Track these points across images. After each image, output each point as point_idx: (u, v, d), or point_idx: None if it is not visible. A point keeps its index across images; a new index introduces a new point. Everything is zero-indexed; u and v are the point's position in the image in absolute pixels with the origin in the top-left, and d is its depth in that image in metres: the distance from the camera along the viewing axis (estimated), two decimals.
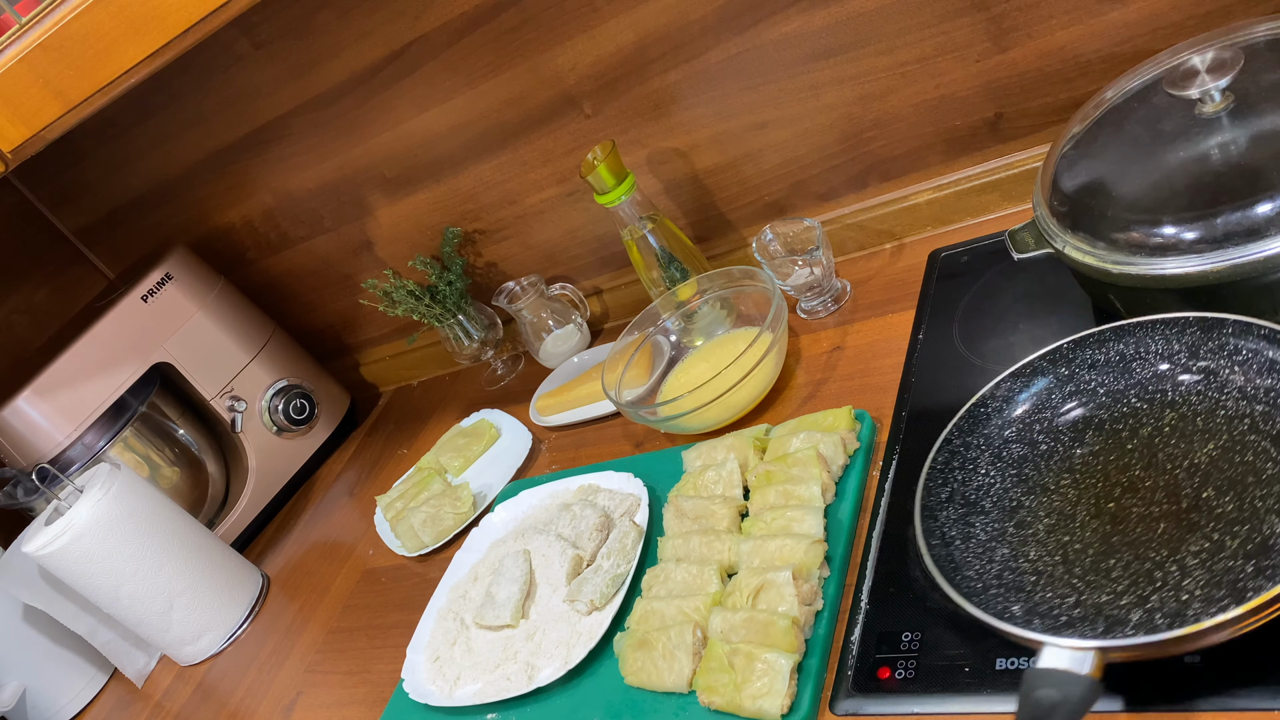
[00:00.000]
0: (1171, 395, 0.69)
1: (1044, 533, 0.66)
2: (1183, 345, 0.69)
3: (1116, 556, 0.62)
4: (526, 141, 1.20)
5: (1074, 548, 0.64)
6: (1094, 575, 0.62)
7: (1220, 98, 0.70)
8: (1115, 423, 0.70)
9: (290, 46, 1.21)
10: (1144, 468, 0.66)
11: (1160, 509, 0.63)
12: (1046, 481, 0.69)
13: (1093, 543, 0.64)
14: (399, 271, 1.36)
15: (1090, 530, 0.65)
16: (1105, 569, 0.62)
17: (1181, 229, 0.68)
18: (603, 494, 0.99)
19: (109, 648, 1.26)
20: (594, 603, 0.87)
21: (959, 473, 0.71)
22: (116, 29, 0.84)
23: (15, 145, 0.95)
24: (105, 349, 1.30)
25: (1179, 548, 0.60)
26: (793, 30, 0.99)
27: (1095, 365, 0.73)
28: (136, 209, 1.54)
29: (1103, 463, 0.68)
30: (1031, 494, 0.69)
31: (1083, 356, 0.73)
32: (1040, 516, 0.67)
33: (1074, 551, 0.64)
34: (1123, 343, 0.71)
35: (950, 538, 0.67)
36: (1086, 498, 0.67)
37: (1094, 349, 0.72)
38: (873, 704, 0.67)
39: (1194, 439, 0.66)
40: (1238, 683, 0.55)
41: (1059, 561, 0.64)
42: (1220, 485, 0.62)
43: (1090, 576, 0.62)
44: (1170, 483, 0.65)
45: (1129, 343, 0.71)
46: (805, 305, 1.08)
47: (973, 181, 1.03)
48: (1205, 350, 0.68)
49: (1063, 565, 0.63)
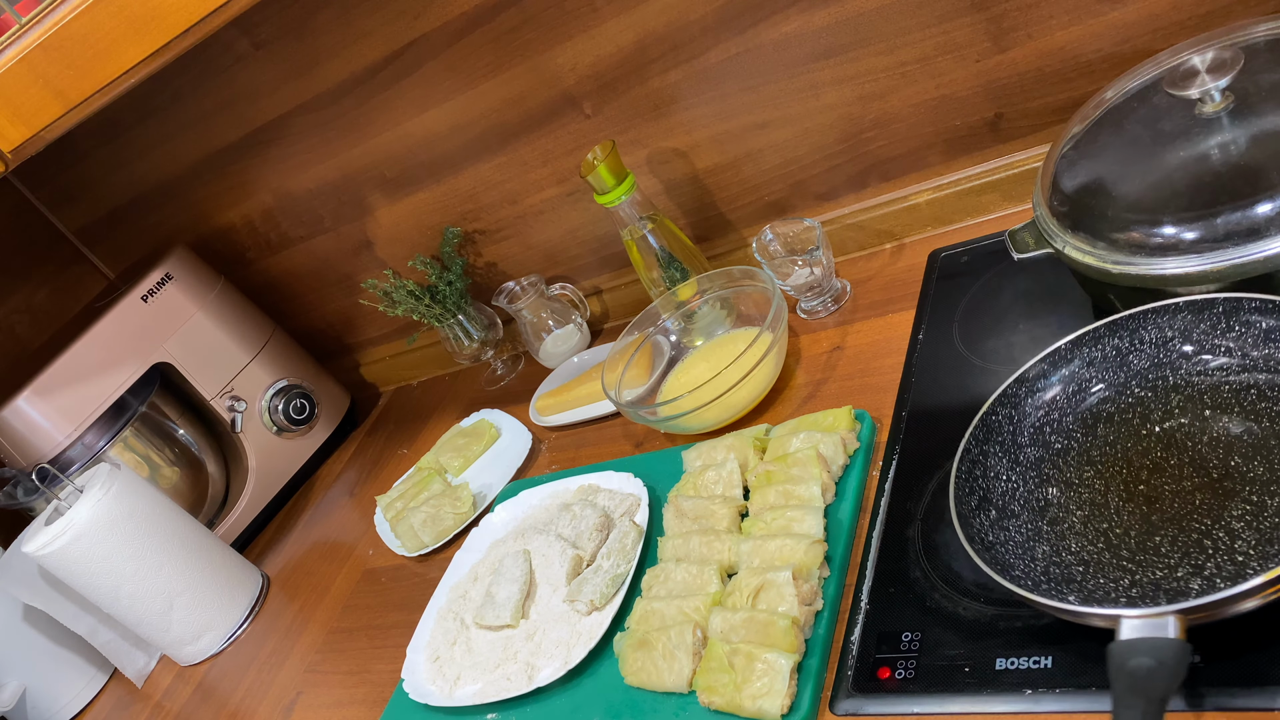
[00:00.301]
0: (1174, 379, 0.70)
1: (1080, 524, 0.66)
2: (1175, 330, 0.70)
3: (1161, 533, 0.62)
4: (526, 141, 1.20)
5: (1115, 533, 0.64)
6: (1143, 554, 0.62)
7: (1220, 98, 0.70)
8: (1125, 413, 0.71)
9: (290, 46, 1.21)
10: (1164, 449, 0.67)
11: (1192, 483, 0.64)
12: (1070, 477, 0.69)
13: (1133, 525, 0.64)
14: (399, 271, 1.36)
15: (1127, 514, 0.65)
16: (1152, 547, 0.62)
17: (1181, 229, 0.68)
18: (603, 494, 0.99)
19: (109, 648, 1.26)
20: (594, 603, 0.87)
21: (982, 480, 0.71)
22: (116, 29, 0.84)
23: (15, 145, 0.95)
24: (105, 349, 1.30)
25: (1221, 515, 0.61)
26: (793, 30, 1.00)
27: (1094, 362, 0.73)
28: (136, 209, 1.54)
29: (1122, 451, 0.69)
30: (1058, 490, 0.69)
31: (1080, 355, 0.73)
32: (1072, 510, 0.67)
33: (1116, 536, 0.64)
34: (1117, 337, 0.72)
35: (990, 542, 0.67)
36: (1115, 485, 0.67)
37: (1090, 347, 0.73)
38: (873, 704, 0.67)
39: (1206, 415, 0.67)
40: (1238, 683, 0.55)
41: (1103, 548, 0.64)
42: (1245, 452, 0.63)
43: (1140, 556, 0.62)
44: (1195, 458, 0.65)
45: (1123, 336, 0.72)
46: (805, 305, 1.08)
47: (973, 181, 1.03)
48: (1198, 333, 0.69)
49: (1108, 551, 0.63)
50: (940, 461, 0.79)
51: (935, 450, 0.81)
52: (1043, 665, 0.62)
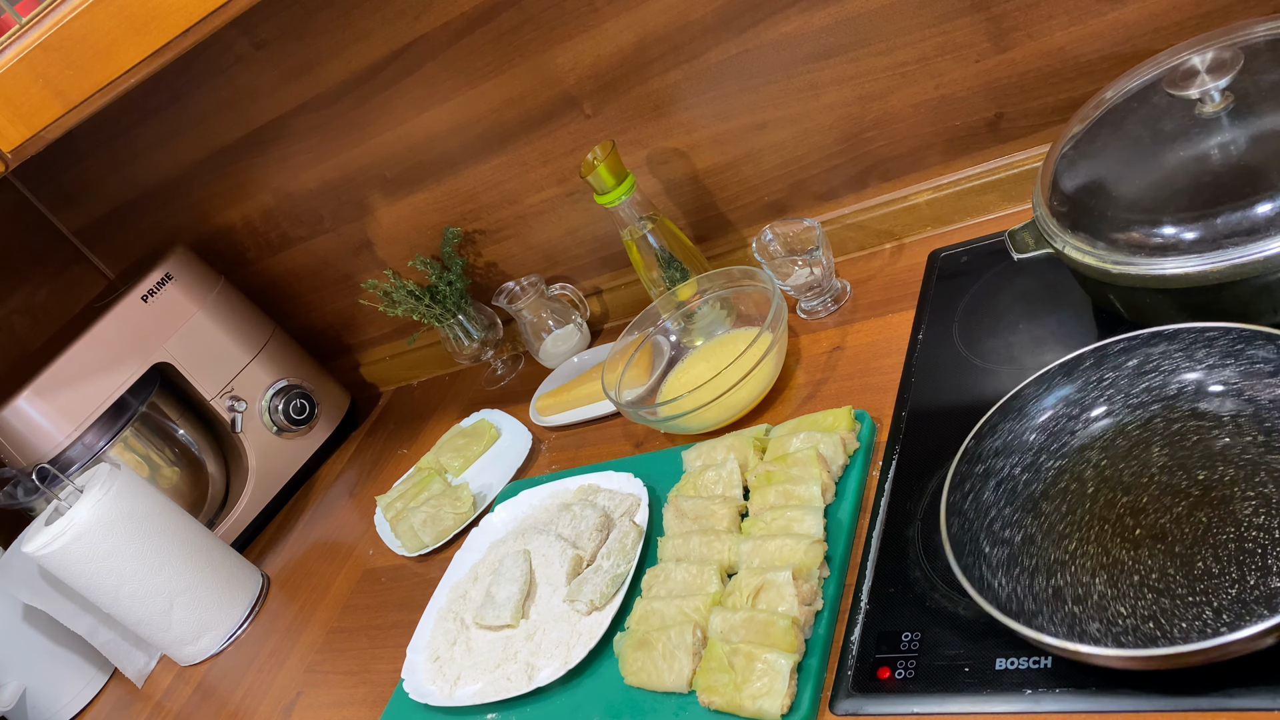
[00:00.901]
0: (1073, 441, 0.71)
1: (1110, 589, 0.62)
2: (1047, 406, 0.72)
3: (1199, 558, 0.60)
4: (526, 141, 1.20)
5: (1152, 579, 0.61)
6: (1203, 583, 0.59)
7: (1220, 98, 0.70)
8: (1059, 483, 0.69)
9: (290, 46, 1.21)
10: (1125, 492, 0.66)
11: (1183, 507, 0.63)
12: (1060, 556, 0.66)
13: (1167, 564, 0.61)
14: (399, 271, 1.36)
15: (1149, 558, 0.62)
16: (1199, 574, 0.59)
17: (1181, 229, 0.68)
18: (603, 494, 0.99)
19: (109, 648, 1.26)
20: (594, 603, 0.87)
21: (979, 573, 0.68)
22: (116, 29, 0.84)
23: (15, 145, 0.95)
24: (105, 349, 1.30)
25: (1236, 518, 0.61)
26: (793, 30, 1.00)
27: (999, 452, 0.71)
28: (136, 209, 1.54)
29: (1085, 513, 0.67)
30: (1061, 576, 0.65)
31: (1036, 406, 0.73)
32: (1090, 582, 0.63)
33: (1156, 581, 0.61)
34: (1010, 419, 0.72)
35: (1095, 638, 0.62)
36: (1111, 541, 0.64)
37: (989, 437, 0.71)
38: (873, 704, 0.67)
39: (1137, 454, 0.68)
40: (1238, 683, 0.55)
41: (1157, 596, 0.60)
42: (1201, 464, 0.65)
43: (1201, 585, 0.59)
44: (1163, 487, 0.65)
45: (1013, 415, 0.72)
46: (805, 305, 1.08)
47: (973, 181, 1.03)
48: (1067, 399, 0.72)
49: (1164, 597, 0.60)
50: (940, 462, 0.79)
51: (935, 450, 0.81)
52: (1043, 665, 0.62)
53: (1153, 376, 0.70)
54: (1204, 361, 0.68)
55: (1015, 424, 0.71)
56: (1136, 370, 0.70)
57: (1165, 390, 0.70)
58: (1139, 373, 0.70)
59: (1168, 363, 0.69)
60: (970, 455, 0.70)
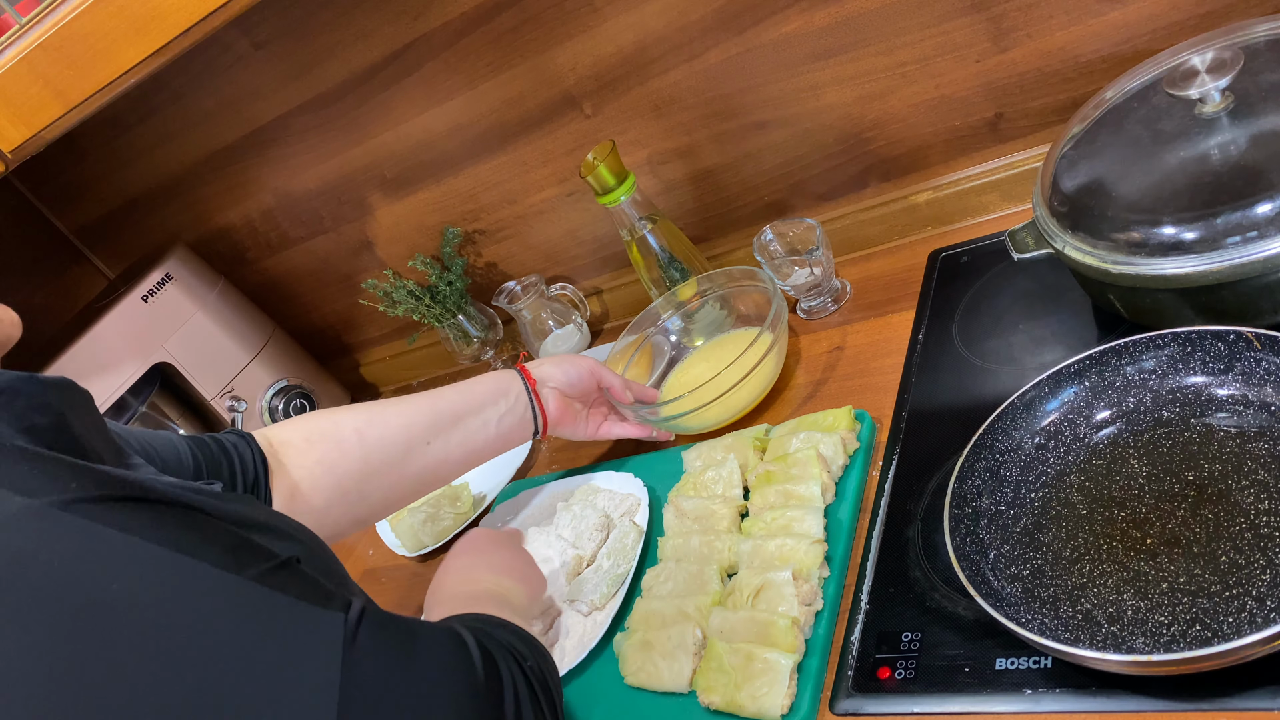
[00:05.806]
0: (1054, 459, 0.72)
1: (1141, 600, 0.60)
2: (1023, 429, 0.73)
3: (1221, 554, 0.60)
4: (526, 141, 1.20)
5: (1180, 581, 0.60)
6: (1233, 576, 0.58)
7: (1220, 98, 0.70)
8: (1056, 502, 0.69)
9: (290, 46, 1.21)
10: (1121, 507, 0.66)
11: (1185, 510, 0.63)
12: (1079, 580, 0.64)
13: (1193, 566, 0.60)
14: (399, 271, 1.36)
15: (1169, 563, 0.61)
16: (1226, 568, 0.59)
17: (1181, 229, 0.68)
18: (603, 494, 0.99)
19: None
20: (594, 603, 0.87)
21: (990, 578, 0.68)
22: (116, 29, 0.84)
23: (15, 145, 0.95)
24: (105, 349, 1.30)
25: (1244, 509, 0.61)
26: (793, 30, 0.99)
27: (982, 489, 0.71)
28: (136, 209, 1.54)
29: (1090, 531, 0.66)
30: (1087, 599, 0.63)
31: (1026, 419, 0.73)
32: (1119, 600, 0.61)
33: (1187, 582, 0.60)
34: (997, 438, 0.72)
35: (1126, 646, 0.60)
36: (1126, 555, 0.63)
37: (965, 480, 0.71)
38: (873, 704, 0.67)
39: (1117, 465, 0.69)
40: (1238, 683, 0.55)
41: (1193, 596, 0.59)
42: (1187, 464, 0.65)
43: (1231, 578, 0.58)
44: (1159, 494, 0.65)
45: (999, 435, 0.72)
46: (805, 305, 1.08)
47: (973, 181, 1.03)
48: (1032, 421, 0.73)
49: (1201, 597, 0.58)
50: (940, 461, 0.79)
51: (935, 450, 0.81)
52: (1043, 665, 0.62)
53: (1109, 394, 0.72)
54: (1154, 371, 0.70)
55: (989, 461, 0.71)
56: (1092, 392, 0.72)
57: (1123, 405, 0.71)
58: (1095, 394, 0.72)
59: (1119, 379, 0.71)
60: (957, 498, 0.69)
